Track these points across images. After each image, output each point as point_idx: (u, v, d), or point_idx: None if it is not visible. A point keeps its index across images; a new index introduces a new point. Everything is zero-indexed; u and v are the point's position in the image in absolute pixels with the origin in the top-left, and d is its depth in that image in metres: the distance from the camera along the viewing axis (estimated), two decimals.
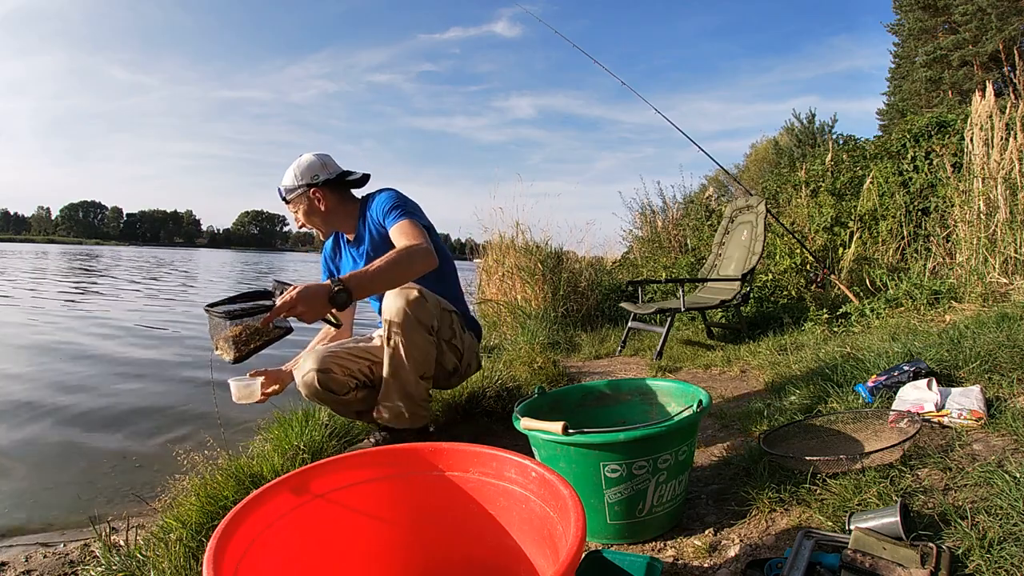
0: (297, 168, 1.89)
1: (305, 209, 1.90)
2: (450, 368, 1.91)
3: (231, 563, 0.73)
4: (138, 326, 6.13)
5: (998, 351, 1.87)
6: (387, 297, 1.68)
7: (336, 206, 1.93)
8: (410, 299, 1.66)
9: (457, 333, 1.88)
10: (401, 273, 1.56)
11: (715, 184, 10.04)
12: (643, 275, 5.74)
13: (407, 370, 1.69)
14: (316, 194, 1.89)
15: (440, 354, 1.83)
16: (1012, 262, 3.18)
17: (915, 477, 1.25)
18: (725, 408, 2.12)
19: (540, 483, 0.85)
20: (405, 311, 1.64)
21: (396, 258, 1.55)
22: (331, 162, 1.94)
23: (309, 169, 1.89)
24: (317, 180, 1.88)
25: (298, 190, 1.88)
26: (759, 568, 1.03)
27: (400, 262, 1.55)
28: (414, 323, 1.66)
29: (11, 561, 1.50)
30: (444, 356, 1.85)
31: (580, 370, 3.27)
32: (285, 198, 1.91)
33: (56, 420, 2.80)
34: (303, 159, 1.90)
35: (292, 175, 1.89)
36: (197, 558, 1.23)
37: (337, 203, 1.93)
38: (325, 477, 0.93)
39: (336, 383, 1.77)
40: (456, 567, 0.99)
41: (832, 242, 4.60)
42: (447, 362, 1.88)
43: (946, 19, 22.90)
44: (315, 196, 1.89)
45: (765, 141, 29.32)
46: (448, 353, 1.86)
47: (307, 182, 1.88)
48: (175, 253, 55.11)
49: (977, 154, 3.50)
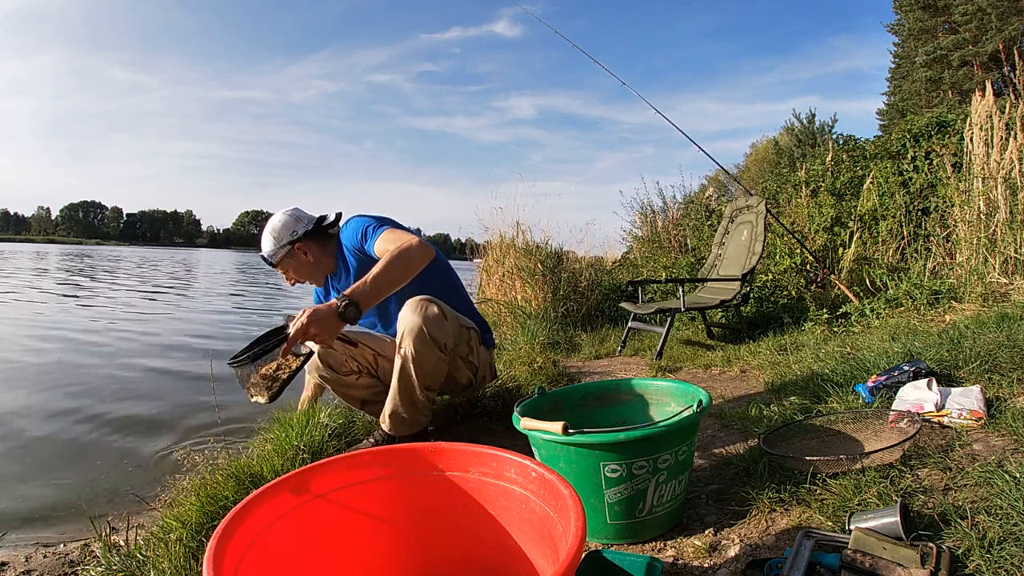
0: (273, 232, 1.90)
1: (295, 266, 1.92)
2: (464, 382, 1.92)
3: (231, 563, 0.73)
4: (138, 326, 6.13)
5: (998, 351, 1.87)
6: (405, 308, 1.67)
7: (320, 253, 1.94)
8: (429, 316, 1.65)
9: (474, 349, 1.89)
10: (400, 271, 1.53)
11: (715, 184, 10.04)
12: (643, 275, 5.74)
13: (414, 382, 1.70)
14: (301, 248, 1.91)
15: (455, 370, 1.84)
16: (1012, 262, 3.18)
17: (915, 477, 1.25)
18: (725, 408, 2.11)
19: (540, 483, 0.85)
20: (421, 328, 1.64)
21: (391, 258, 1.53)
22: (303, 214, 1.95)
23: (285, 228, 1.90)
24: (297, 235, 1.89)
25: (282, 251, 1.89)
26: (759, 568, 1.03)
27: (396, 260, 1.53)
28: (427, 340, 1.65)
29: (11, 561, 1.50)
30: (459, 372, 1.86)
31: (580, 370, 3.27)
32: (272, 263, 1.92)
33: (56, 420, 2.80)
34: (275, 222, 1.91)
35: (271, 240, 1.90)
36: (197, 558, 1.23)
37: (320, 250, 1.94)
38: (325, 477, 0.93)
39: (334, 359, 1.80)
40: (456, 567, 0.99)
41: (832, 242, 4.60)
42: (461, 377, 1.89)
43: (946, 19, 22.89)
44: (300, 251, 1.91)
45: (765, 141, 29.31)
46: (463, 368, 1.87)
47: (288, 240, 1.89)
48: (175, 253, 55.09)
49: (977, 154, 3.50)
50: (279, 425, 1.97)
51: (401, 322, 1.67)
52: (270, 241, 1.89)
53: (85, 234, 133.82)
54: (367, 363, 1.92)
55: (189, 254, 53.92)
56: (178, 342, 5.18)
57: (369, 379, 1.93)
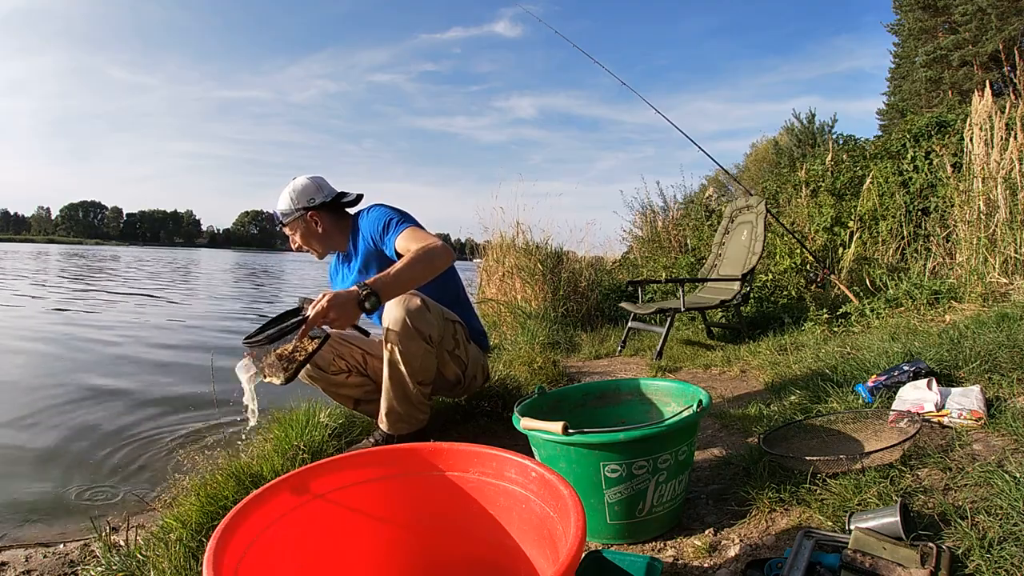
0: (293, 192, 1.89)
1: (303, 232, 1.91)
2: (452, 379, 1.91)
3: (231, 563, 0.73)
4: (138, 327, 6.13)
5: (998, 351, 1.87)
6: (388, 305, 1.67)
7: (331, 227, 1.94)
8: (411, 308, 1.65)
9: (461, 344, 1.87)
10: (423, 270, 1.58)
11: (715, 184, 10.02)
12: (643, 275, 5.74)
13: (404, 377, 1.70)
14: (313, 217, 1.90)
15: (442, 364, 1.83)
16: (1012, 262, 3.18)
17: (915, 477, 1.25)
18: (725, 408, 2.11)
19: (540, 483, 0.85)
20: (404, 320, 1.64)
21: (417, 257, 1.57)
22: (326, 184, 1.95)
23: (304, 193, 1.89)
24: (313, 203, 1.89)
25: (295, 214, 1.89)
26: (759, 568, 1.03)
27: (422, 260, 1.57)
28: (412, 332, 1.65)
29: (11, 561, 1.50)
30: (446, 367, 1.85)
31: (580, 370, 3.27)
32: (282, 222, 1.91)
33: (56, 420, 2.80)
34: (298, 183, 1.91)
35: (288, 199, 1.89)
36: (197, 558, 1.23)
37: (333, 224, 1.94)
38: (325, 477, 0.93)
39: (323, 359, 1.81)
40: (456, 567, 0.99)
41: (832, 242, 4.60)
42: (449, 373, 1.87)
43: (946, 19, 22.89)
44: (312, 219, 1.90)
45: (765, 141, 29.31)
46: (451, 364, 1.86)
47: (303, 205, 1.88)
48: (175, 253, 55.11)
49: (977, 154, 3.50)
50: (279, 425, 1.97)
51: (385, 317, 1.67)
52: (287, 201, 1.89)
53: (85, 234, 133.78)
54: (356, 362, 1.92)
55: (189, 254, 53.93)
56: (178, 341, 5.18)
57: (359, 378, 1.93)
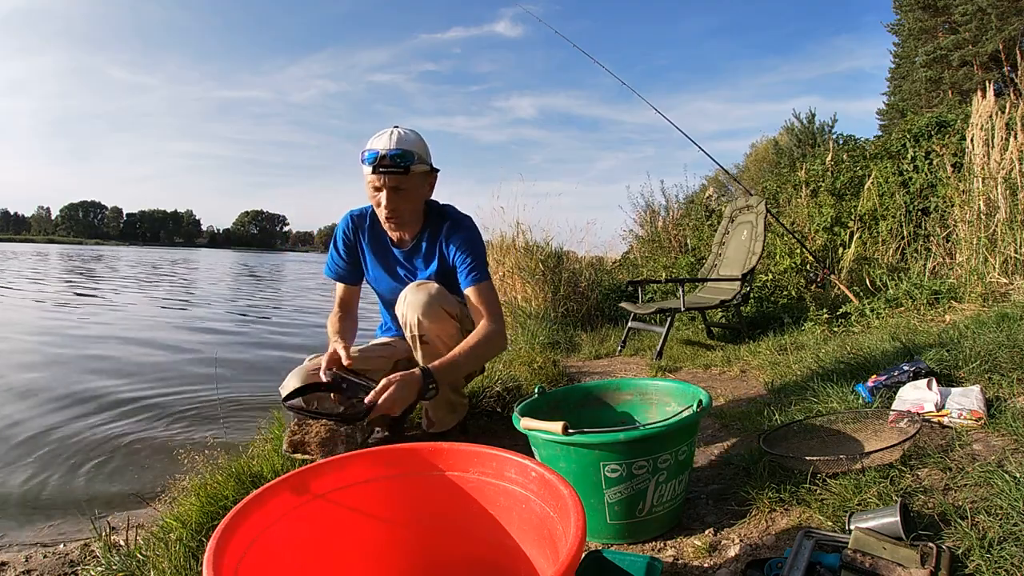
0: (424, 145, 1.63)
1: (414, 187, 1.62)
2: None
3: (231, 563, 0.73)
4: (139, 327, 6.13)
5: (998, 351, 1.87)
6: (409, 294, 1.62)
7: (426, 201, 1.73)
8: (430, 290, 1.61)
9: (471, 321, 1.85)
10: (481, 359, 1.60)
11: (715, 184, 10.03)
12: (643, 275, 5.74)
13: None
14: (433, 180, 1.70)
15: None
16: (1012, 262, 3.18)
17: (915, 477, 1.25)
18: (725, 408, 2.11)
19: (540, 483, 0.85)
20: (428, 301, 1.58)
21: (479, 352, 1.55)
22: None
23: (429, 152, 1.66)
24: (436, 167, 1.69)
25: (424, 166, 1.62)
26: (759, 568, 1.03)
27: (482, 356, 1.59)
28: (438, 310, 1.60)
29: (11, 561, 1.50)
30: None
31: (580, 370, 3.27)
32: (402, 166, 1.56)
33: (55, 420, 2.80)
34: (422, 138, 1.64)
35: (423, 150, 1.62)
36: (197, 558, 1.23)
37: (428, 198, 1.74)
38: (325, 477, 0.93)
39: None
40: (456, 567, 0.99)
41: (832, 242, 4.60)
42: None
43: (946, 19, 22.89)
44: (431, 181, 1.70)
45: (765, 141, 29.33)
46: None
47: (431, 164, 1.67)
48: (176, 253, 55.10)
49: (977, 154, 3.50)
50: (279, 425, 1.97)
51: (406, 306, 1.61)
52: (422, 148, 1.61)
53: (85, 234, 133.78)
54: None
55: (189, 253, 53.92)
56: (179, 340, 5.18)
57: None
